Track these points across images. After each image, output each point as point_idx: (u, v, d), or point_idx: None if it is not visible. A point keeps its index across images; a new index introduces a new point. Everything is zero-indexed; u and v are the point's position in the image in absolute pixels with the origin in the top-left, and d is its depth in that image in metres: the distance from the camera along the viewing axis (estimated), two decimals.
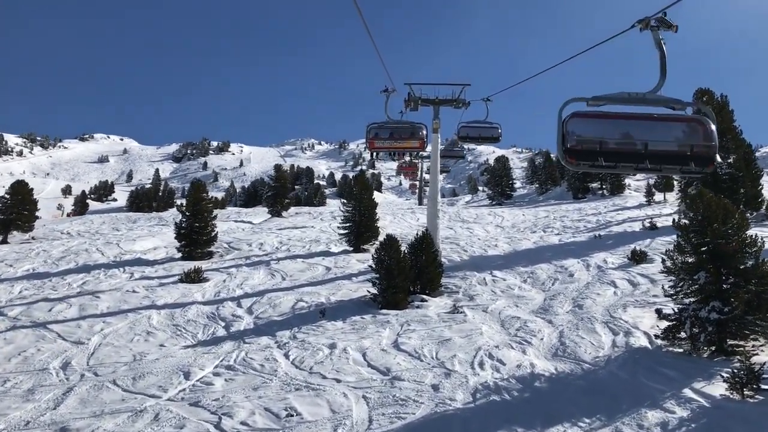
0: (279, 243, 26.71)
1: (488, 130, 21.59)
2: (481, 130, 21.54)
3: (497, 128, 21.62)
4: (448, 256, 22.15)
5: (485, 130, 21.57)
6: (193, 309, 16.14)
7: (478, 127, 21.57)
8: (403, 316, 14.73)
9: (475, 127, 21.62)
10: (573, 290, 16.59)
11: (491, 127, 21.67)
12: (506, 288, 17.18)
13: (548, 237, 25.87)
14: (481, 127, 21.60)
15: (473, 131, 21.53)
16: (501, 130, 21.70)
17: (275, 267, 20.98)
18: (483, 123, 21.71)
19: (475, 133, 21.51)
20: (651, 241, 21.71)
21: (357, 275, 19.38)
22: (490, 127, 21.64)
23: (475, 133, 21.55)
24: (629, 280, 17.03)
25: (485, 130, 21.57)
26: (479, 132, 21.56)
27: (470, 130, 21.51)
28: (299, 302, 16.34)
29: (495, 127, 21.61)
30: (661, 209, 33.19)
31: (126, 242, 27.87)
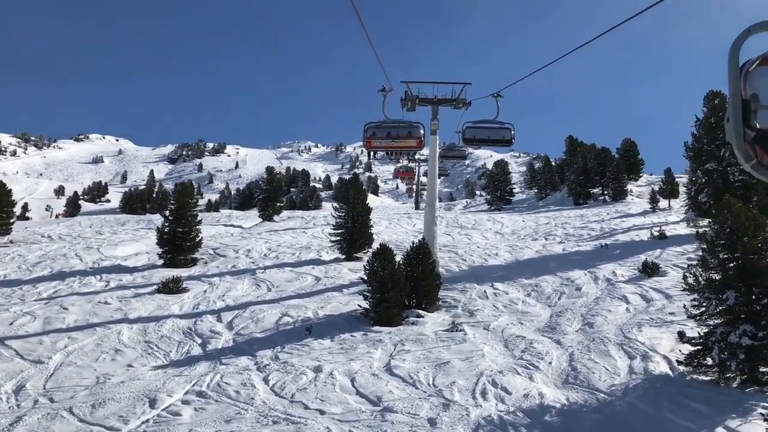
0: (267, 249, 25.37)
1: (499, 131, 18.12)
2: (491, 131, 18.19)
3: (509, 129, 18.07)
4: (446, 265, 20.88)
5: (495, 131, 18.17)
6: (169, 323, 14.83)
7: (487, 128, 18.24)
8: (397, 335, 13.45)
9: (484, 127, 18.30)
10: (581, 306, 15.34)
11: (502, 127, 18.20)
12: (509, 302, 15.91)
13: (551, 245, 24.62)
14: (490, 128, 18.26)
15: (481, 132, 18.18)
16: (514, 131, 18.08)
17: (261, 276, 19.65)
18: (492, 123, 18.36)
19: (484, 134, 18.12)
20: (661, 251, 20.48)
21: (348, 286, 18.09)
22: (501, 128, 18.19)
23: (484, 135, 18.15)
24: (642, 294, 15.79)
25: (495, 131, 18.17)
26: (488, 133, 18.11)
27: (477, 131, 18.22)
28: (284, 317, 15.04)
29: (507, 128, 18.10)
30: (666, 216, 32.03)
31: (107, 247, 26.52)
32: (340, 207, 22.95)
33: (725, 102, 6.29)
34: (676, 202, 36.85)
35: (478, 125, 18.43)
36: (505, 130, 18.18)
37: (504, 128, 18.22)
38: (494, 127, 18.36)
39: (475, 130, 18.35)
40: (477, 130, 18.35)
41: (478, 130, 18.34)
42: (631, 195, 45.02)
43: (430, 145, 19.95)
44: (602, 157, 46.75)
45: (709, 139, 24.06)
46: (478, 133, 18.28)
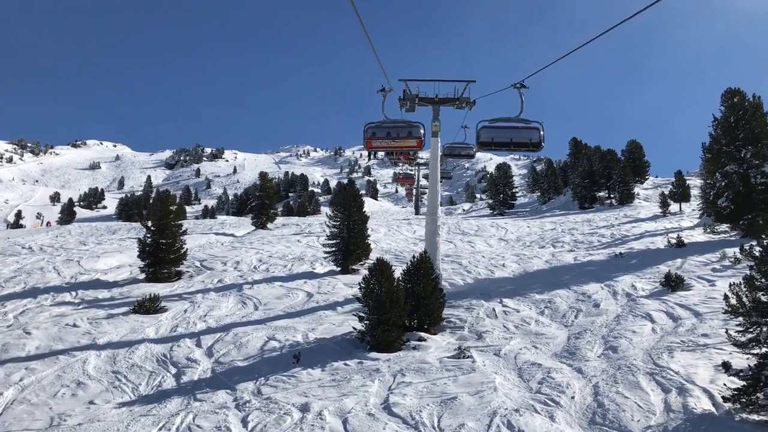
0: (258, 261, 23.78)
1: (523, 132, 14.68)
2: (513, 132, 14.62)
3: (537, 129, 14.64)
4: (450, 278, 19.33)
5: (519, 132, 14.65)
6: (142, 349, 13.27)
7: (509, 128, 14.78)
8: (397, 362, 11.89)
9: (504, 127, 14.84)
10: (601, 325, 13.79)
11: (527, 127, 14.70)
12: (520, 322, 14.35)
13: (561, 254, 23.07)
14: (512, 128, 14.77)
15: (501, 134, 14.74)
16: (543, 132, 14.62)
17: (248, 293, 18.06)
18: (515, 122, 15.02)
19: (504, 136, 14.52)
20: (683, 261, 18.93)
21: (343, 303, 16.53)
22: (526, 128, 14.68)
23: (504, 137, 14.69)
24: (668, 312, 14.24)
25: (519, 132, 14.65)
26: (510, 135, 14.42)
27: (496, 132, 14.72)
28: (271, 341, 13.48)
29: (534, 128, 14.67)
30: (679, 221, 30.53)
31: (88, 259, 24.96)
32: (335, 215, 21.37)
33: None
34: (688, 206, 35.37)
35: (498, 125, 15.02)
36: (532, 130, 14.76)
37: (530, 128, 14.78)
38: (517, 126, 14.90)
39: (494, 131, 14.94)
40: (496, 131, 14.92)
41: (497, 131, 14.92)
42: (638, 198, 43.54)
43: (431, 149, 18.39)
44: (608, 159, 45.30)
45: (728, 139, 22.57)
46: (497, 135, 14.87)
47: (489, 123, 15.27)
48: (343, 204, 21.63)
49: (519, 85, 15.54)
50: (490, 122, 15.25)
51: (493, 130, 15.16)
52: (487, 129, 15.23)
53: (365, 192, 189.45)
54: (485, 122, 15.32)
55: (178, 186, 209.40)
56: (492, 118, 15.19)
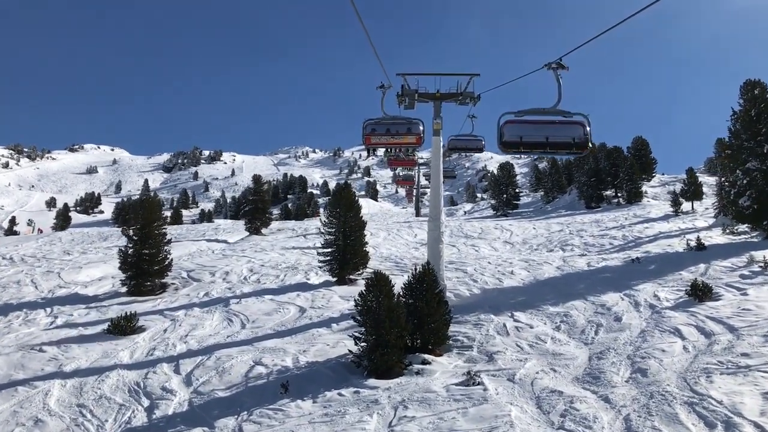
0: (249, 271, 22.35)
1: (563, 128, 11.32)
2: (550, 128, 11.20)
3: (582, 125, 11.26)
4: (455, 288, 17.90)
5: (558, 128, 11.29)
6: (113, 377, 11.86)
7: (544, 124, 11.28)
8: (398, 391, 10.46)
9: (537, 122, 11.31)
10: (625, 342, 12.36)
11: (568, 122, 11.34)
12: (535, 340, 12.92)
13: (572, 259, 21.64)
14: (548, 124, 11.31)
15: (533, 131, 11.18)
16: (589, 127, 11.14)
17: (235, 308, 16.62)
18: (551, 114, 11.50)
19: (538, 134, 11.05)
20: (706, 266, 17.49)
21: (338, 320, 15.11)
22: (567, 123, 11.34)
23: (538, 135, 11.20)
24: (698, 327, 12.79)
25: (558, 128, 11.29)
26: (546, 132, 10.91)
27: (527, 129, 11.15)
28: (257, 366, 12.05)
29: (578, 122, 11.29)
30: (693, 221, 29.10)
31: (70, 271, 23.55)
32: (330, 221, 19.92)
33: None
34: (700, 205, 33.96)
35: (528, 118, 11.35)
36: (574, 126, 11.20)
37: (572, 123, 11.22)
38: (554, 121, 11.29)
39: (523, 128, 11.27)
40: (526, 127, 11.26)
41: (527, 127, 11.25)
42: (646, 197, 42.12)
43: (433, 148, 17.00)
44: (614, 156, 43.87)
45: (749, 134, 21.13)
46: (528, 133, 11.14)
47: (516, 116, 11.35)
48: (338, 208, 20.18)
49: (555, 64, 11.52)
50: (518, 115, 11.34)
51: (521, 126, 11.21)
52: (514, 125, 11.34)
53: (365, 193, 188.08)
54: (510, 115, 11.41)
55: (176, 189, 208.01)
56: (519, 110, 11.33)
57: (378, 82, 16.46)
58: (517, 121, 11.56)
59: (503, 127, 11.58)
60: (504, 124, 11.62)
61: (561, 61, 11.82)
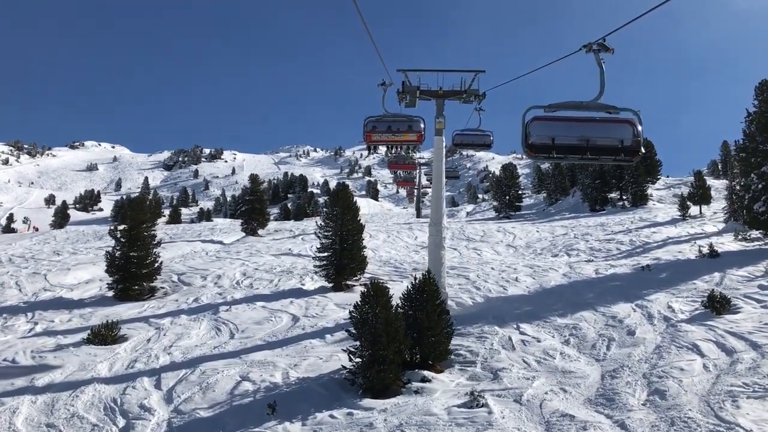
0: (242, 275, 21.48)
1: (608, 127, 8.97)
2: (591, 127, 8.90)
3: (631, 123, 8.96)
4: (456, 296, 17.04)
5: (600, 128, 8.96)
6: (88, 393, 11.01)
7: (583, 122, 8.94)
8: (395, 413, 9.60)
9: (575, 120, 8.98)
10: (640, 359, 11.50)
11: (614, 120, 9.04)
12: (543, 355, 12.06)
13: (579, 265, 20.76)
14: (588, 122, 8.99)
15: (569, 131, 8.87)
16: (641, 127, 8.88)
17: (224, 316, 15.76)
18: (592, 109, 9.08)
19: (576, 134, 8.78)
20: (721, 276, 16.61)
21: (333, 330, 14.25)
22: (612, 122, 9.04)
23: (576, 136, 8.84)
24: (718, 342, 11.92)
25: (600, 128, 8.96)
26: (587, 132, 8.66)
27: (562, 127, 8.85)
28: (244, 381, 11.20)
29: (626, 121, 8.99)
30: (702, 226, 28.22)
31: (57, 273, 22.72)
32: (326, 224, 19.03)
33: None
34: (708, 209, 33.08)
35: (562, 114, 8.96)
36: (621, 125, 8.89)
37: (618, 122, 8.93)
38: (595, 119, 8.94)
39: (556, 127, 8.83)
40: (560, 126, 8.83)
41: (560, 126, 8.83)
42: (651, 200, 41.25)
43: (435, 149, 16.15)
44: None
45: (764, 137, 20.25)
46: (563, 133, 8.78)
47: (547, 111, 8.90)
48: (336, 210, 19.29)
49: (597, 45, 9.06)
50: (548, 110, 8.88)
51: (553, 124, 8.76)
52: (544, 123, 8.89)
53: (366, 193, 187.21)
54: (538, 110, 9.00)
55: (176, 187, 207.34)
56: (551, 104, 8.88)
57: (380, 81, 16.18)
58: (548, 118, 8.93)
59: (530, 126, 8.89)
60: (531, 121, 8.91)
61: (604, 42, 9.13)
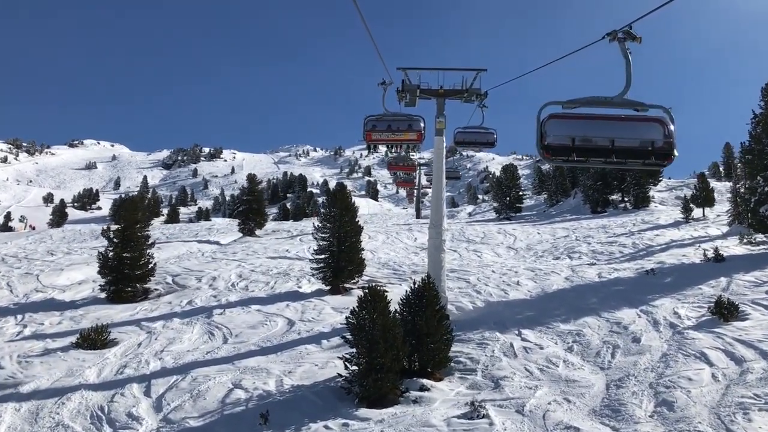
0: (238, 277, 21.09)
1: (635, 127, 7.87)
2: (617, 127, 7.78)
3: (662, 123, 7.78)
4: (457, 300, 16.65)
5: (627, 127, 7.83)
6: (75, 400, 10.62)
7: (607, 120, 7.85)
8: (392, 424, 9.22)
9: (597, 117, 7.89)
10: (646, 368, 11.12)
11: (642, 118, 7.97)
12: (545, 363, 11.67)
13: (581, 269, 20.39)
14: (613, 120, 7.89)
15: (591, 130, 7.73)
16: (672, 126, 7.73)
17: (218, 320, 15.37)
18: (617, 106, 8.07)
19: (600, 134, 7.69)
20: (728, 281, 16.23)
21: (329, 335, 13.87)
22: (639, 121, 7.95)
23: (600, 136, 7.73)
24: (726, 351, 11.54)
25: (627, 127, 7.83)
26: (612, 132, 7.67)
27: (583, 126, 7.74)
28: (236, 389, 10.81)
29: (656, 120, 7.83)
30: (705, 229, 27.85)
31: (50, 273, 22.32)
32: (324, 226, 18.64)
33: None
34: (711, 212, 32.71)
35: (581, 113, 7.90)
36: (650, 124, 7.75)
37: (647, 120, 7.80)
38: (620, 117, 7.86)
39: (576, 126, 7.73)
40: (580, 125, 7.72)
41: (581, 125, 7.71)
42: (653, 202, 40.90)
43: (435, 149, 15.81)
44: None
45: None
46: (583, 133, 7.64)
47: (566, 108, 7.84)
48: (333, 211, 18.91)
49: (623, 34, 7.89)
50: (567, 106, 7.82)
51: (573, 123, 7.63)
52: (563, 122, 7.74)
53: (365, 193, 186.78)
54: (556, 106, 7.92)
55: (175, 186, 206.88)
56: (570, 100, 7.80)
57: (380, 80, 16.05)
58: (567, 116, 7.81)
59: (546, 124, 7.73)
60: (547, 119, 7.75)
61: (630, 29, 7.95)
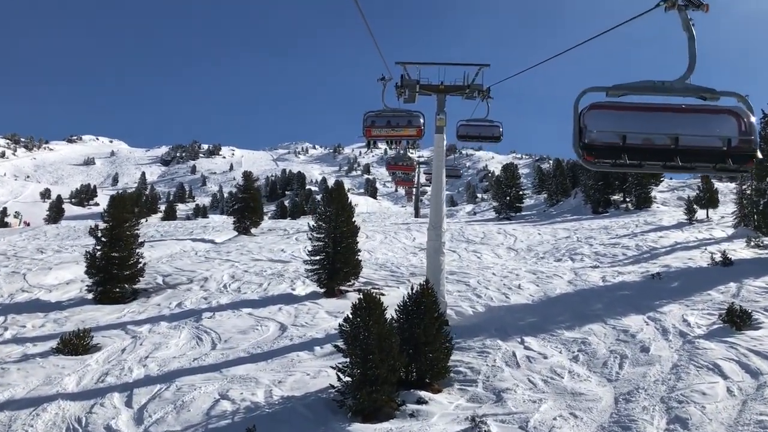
0: (230, 278, 20.47)
1: (705, 120, 5.67)
2: (678, 119, 5.57)
3: (738, 116, 5.62)
4: (456, 304, 16.05)
5: (694, 120, 5.61)
6: (51, 411, 10.00)
7: (667, 112, 5.68)
8: None
9: (656, 108, 5.75)
10: (656, 380, 10.52)
11: (712, 109, 5.78)
12: (550, 374, 11.07)
13: (584, 272, 19.79)
14: (675, 112, 5.67)
15: (646, 124, 5.63)
16: (751, 119, 5.60)
17: (207, 324, 14.75)
18: (679, 93, 5.85)
19: (659, 129, 5.56)
20: (738, 286, 15.64)
21: (323, 341, 13.26)
22: (711, 111, 5.75)
23: (659, 132, 5.56)
24: (741, 362, 10.94)
25: (694, 120, 5.61)
26: (673, 127, 5.50)
27: (632, 119, 5.65)
28: (222, 400, 10.19)
29: (729, 112, 5.66)
30: (710, 231, 27.25)
31: (37, 272, 21.70)
32: (319, 226, 18.01)
33: None
34: (715, 213, 32.13)
35: (632, 103, 5.83)
36: (722, 117, 5.70)
37: (718, 111, 5.74)
38: (683, 107, 5.76)
39: (626, 118, 5.70)
40: (631, 117, 5.68)
41: (633, 117, 5.68)
42: (655, 202, 40.31)
43: (435, 147, 15.22)
44: None
45: None
46: (636, 127, 5.64)
47: (611, 96, 5.86)
48: (329, 210, 18.29)
49: (684, 0, 5.99)
50: (613, 93, 5.86)
51: (622, 114, 5.71)
52: (608, 114, 5.75)
53: (364, 191, 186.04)
54: (598, 93, 5.90)
55: (173, 183, 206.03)
56: (616, 85, 5.86)
57: (379, 76, 15.49)
58: (615, 106, 5.71)
59: (586, 116, 5.67)
60: (587, 110, 5.69)
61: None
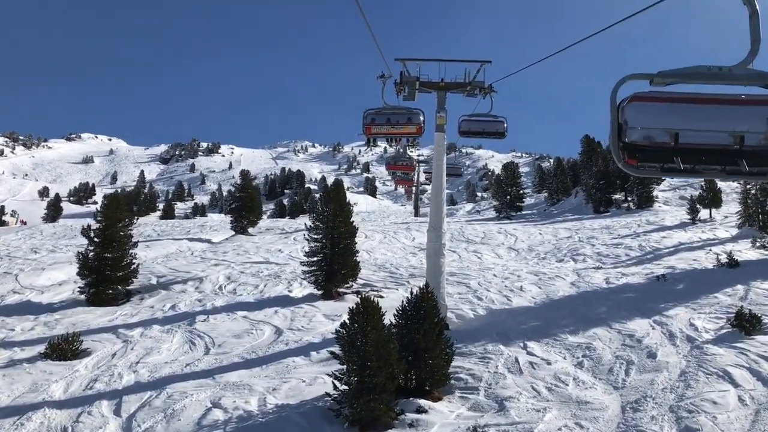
0: (226, 278, 20.09)
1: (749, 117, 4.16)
2: (738, 113, 4.15)
3: None
4: (456, 307, 15.67)
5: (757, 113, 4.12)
6: (36, 420, 9.63)
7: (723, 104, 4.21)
8: None
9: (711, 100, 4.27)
10: (665, 388, 10.14)
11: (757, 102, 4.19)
12: (554, 381, 10.70)
13: (587, 273, 19.42)
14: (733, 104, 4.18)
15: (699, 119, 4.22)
16: None
17: (201, 327, 14.37)
18: (736, 80, 4.36)
19: (715, 126, 4.17)
20: (745, 289, 15.27)
21: (319, 346, 12.88)
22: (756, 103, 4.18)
23: (716, 130, 4.19)
24: (752, 369, 10.57)
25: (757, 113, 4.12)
26: (732, 123, 4.10)
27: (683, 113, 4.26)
28: (214, 409, 9.82)
29: None
30: (713, 231, 26.87)
31: (30, 273, 21.31)
32: (316, 226, 17.63)
33: None
34: (718, 213, 31.75)
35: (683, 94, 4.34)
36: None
37: None
38: (743, 98, 4.26)
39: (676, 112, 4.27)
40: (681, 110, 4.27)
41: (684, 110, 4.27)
42: (657, 202, 39.94)
43: (436, 146, 14.85)
44: None
45: None
46: (689, 124, 4.23)
47: (657, 85, 4.51)
48: (327, 210, 17.90)
49: None
50: (660, 82, 4.50)
51: (671, 107, 4.31)
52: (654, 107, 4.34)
53: (364, 189, 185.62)
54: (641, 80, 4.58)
55: (172, 181, 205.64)
56: (661, 72, 4.50)
57: (379, 73, 15.23)
58: (662, 98, 4.46)
59: (626, 109, 4.45)
60: (628, 102, 4.45)
61: None
